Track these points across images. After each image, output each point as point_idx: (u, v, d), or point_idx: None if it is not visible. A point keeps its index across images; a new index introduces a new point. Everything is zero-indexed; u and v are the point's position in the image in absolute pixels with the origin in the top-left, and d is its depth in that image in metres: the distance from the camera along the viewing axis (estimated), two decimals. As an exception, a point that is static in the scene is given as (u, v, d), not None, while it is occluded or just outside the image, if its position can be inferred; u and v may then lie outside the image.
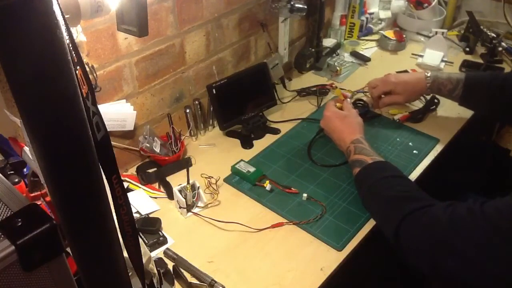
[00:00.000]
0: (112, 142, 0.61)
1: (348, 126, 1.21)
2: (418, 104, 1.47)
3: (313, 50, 1.68)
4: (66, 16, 0.57)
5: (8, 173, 0.86)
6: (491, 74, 1.35)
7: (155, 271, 0.88)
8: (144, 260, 0.77)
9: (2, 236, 0.51)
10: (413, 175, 1.23)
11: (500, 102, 1.26)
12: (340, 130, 1.21)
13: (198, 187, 1.15)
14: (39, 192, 0.82)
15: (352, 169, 1.12)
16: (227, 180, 1.23)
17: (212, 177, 1.18)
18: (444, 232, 0.85)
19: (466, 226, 0.82)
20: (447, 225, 0.84)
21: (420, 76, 1.36)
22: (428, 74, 1.35)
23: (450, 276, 0.86)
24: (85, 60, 1.05)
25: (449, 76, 1.33)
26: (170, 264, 1.01)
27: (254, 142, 1.37)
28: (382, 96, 1.42)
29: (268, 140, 1.38)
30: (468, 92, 1.30)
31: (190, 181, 1.13)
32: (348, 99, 1.36)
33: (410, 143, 1.34)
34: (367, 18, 1.90)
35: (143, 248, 0.87)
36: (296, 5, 1.44)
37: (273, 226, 1.09)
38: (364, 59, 1.76)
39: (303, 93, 1.55)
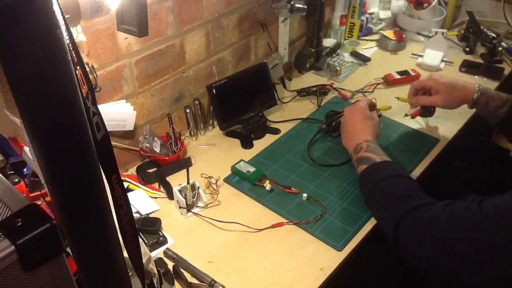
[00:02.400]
0: (112, 142, 0.61)
1: (369, 126, 1.19)
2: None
3: (313, 50, 1.68)
4: (66, 16, 0.57)
5: (8, 173, 0.86)
6: None
7: (155, 271, 0.88)
8: (144, 260, 0.77)
9: (2, 236, 0.51)
10: (413, 175, 1.23)
11: None
12: (359, 125, 1.20)
13: (198, 187, 1.15)
14: (39, 192, 0.82)
15: (358, 166, 1.10)
16: (227, 180, 1.23)
17: (212, 177, 1.18)
18: (443, 232, 0.85)
19: (465, 226, 0.82)
20: (446, 225, 0.84)
21: (469, 86, 1.27)
22: (478, 85, 1.25)
23: (450, 275, 0.86)
24: (85, 60, 1.05)
25: (498, 92, 1.26)
26: (170, 264, 1.01)
27: (254, 142, 1.37)
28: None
29: (268, 140, 1.38)
30: None
31: (190, 181, 1.13)
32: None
33: (410, 143, 1.34)
34: (367, 18, 1.90)
35: (143, 248, 0.87)
36: (296, 5, 1.44)
37: (273, 226, 1.09)
38: (364, 59, 1.76)
39: (303, 93, 1.55)
